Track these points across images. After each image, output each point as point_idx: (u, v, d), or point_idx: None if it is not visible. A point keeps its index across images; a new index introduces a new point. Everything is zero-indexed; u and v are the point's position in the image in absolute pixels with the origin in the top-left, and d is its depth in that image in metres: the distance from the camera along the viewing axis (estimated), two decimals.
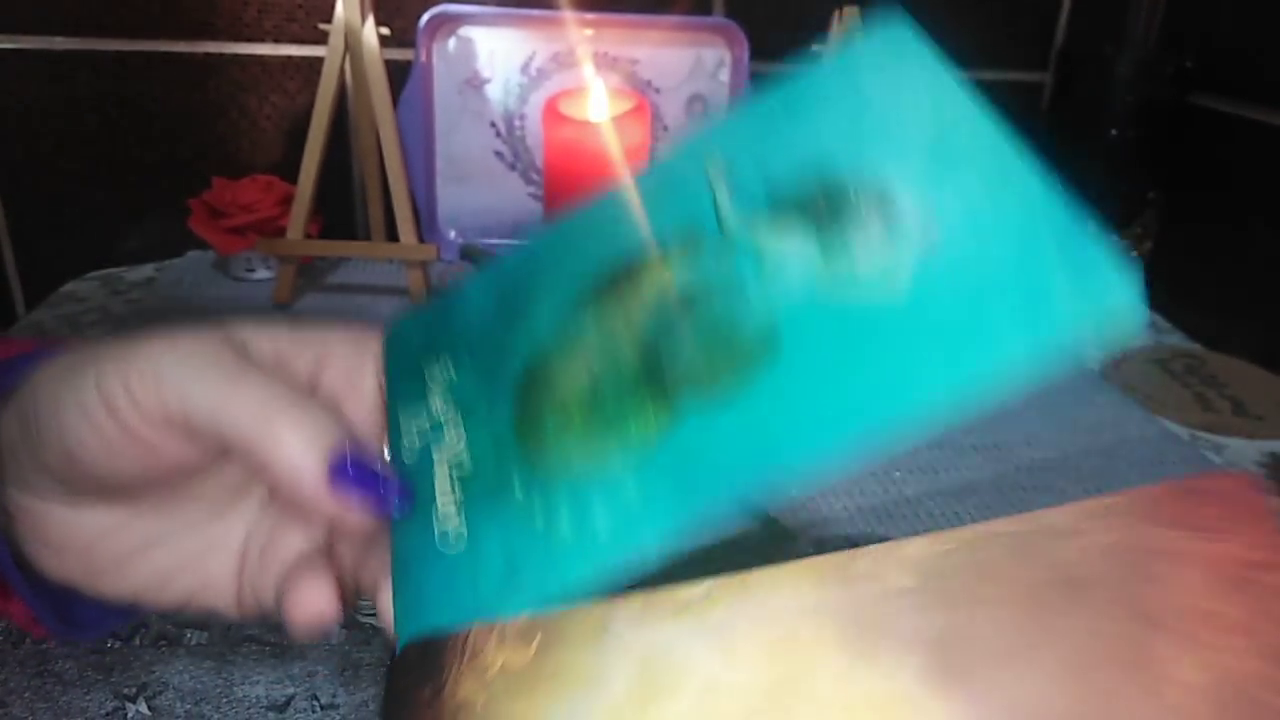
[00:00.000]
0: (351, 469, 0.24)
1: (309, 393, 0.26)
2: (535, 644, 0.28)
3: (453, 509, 0.25)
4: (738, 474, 0.21)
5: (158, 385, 0.24)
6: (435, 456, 0.26)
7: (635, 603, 0.27)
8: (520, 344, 0.26)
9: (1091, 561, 0.22)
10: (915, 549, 0.23)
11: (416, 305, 0.29)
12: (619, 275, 0.26)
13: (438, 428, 0.27)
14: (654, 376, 0.24)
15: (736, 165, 0.24)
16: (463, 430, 0.26)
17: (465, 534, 0.25)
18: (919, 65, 0.22)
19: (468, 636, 0.30)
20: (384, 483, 0.25)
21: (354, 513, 0.24)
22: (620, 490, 0.23)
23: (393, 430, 0.27)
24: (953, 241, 0.20)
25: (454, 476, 0.26)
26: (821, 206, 0.23)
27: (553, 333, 0.26)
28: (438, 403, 0.27)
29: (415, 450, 0.27)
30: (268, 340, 0.27)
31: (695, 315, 0.23)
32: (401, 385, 0.28)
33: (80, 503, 0.26)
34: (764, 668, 0.25)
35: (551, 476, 0.24)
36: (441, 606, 0.25)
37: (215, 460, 0.26)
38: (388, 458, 0.27)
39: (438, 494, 0.26)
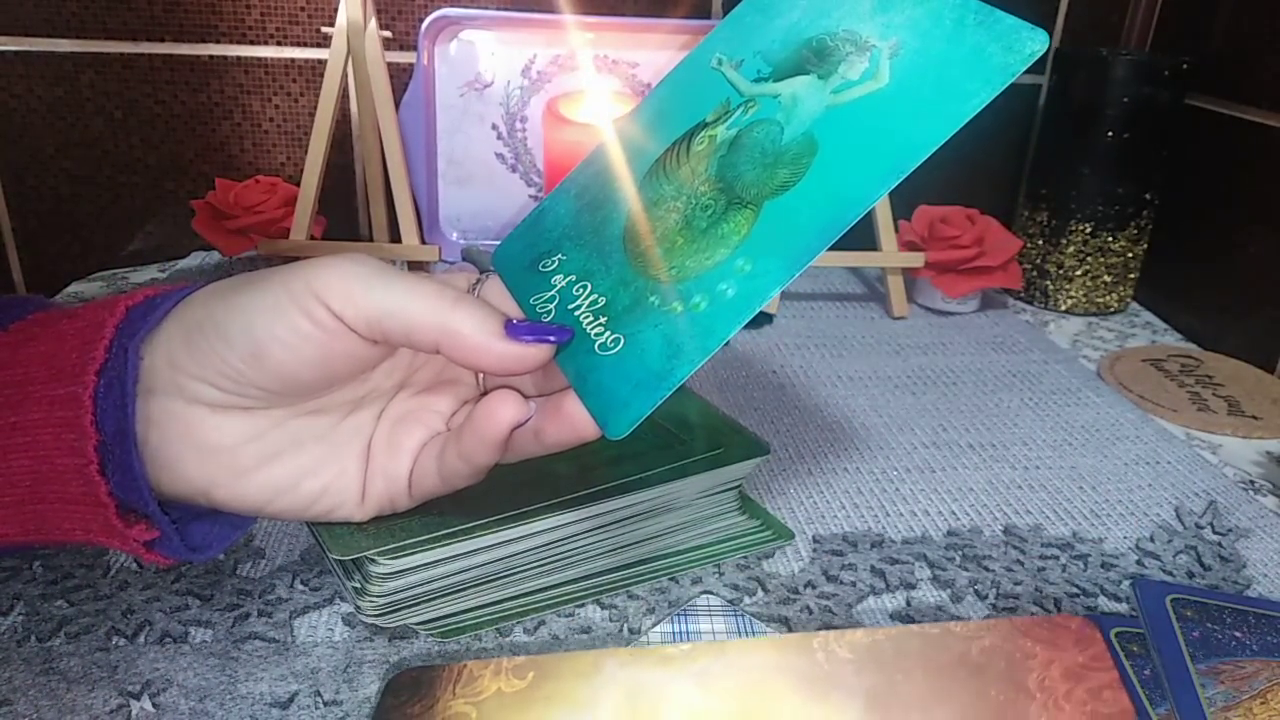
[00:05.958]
0: (520, 326, 0.31)
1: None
2: (530, 678, 0.31)
3: (602, 328, 0.32)
4: (816, 226, 0.29)
5: (349, 289, 0.30)
6: (572, 308, 0.33)
7: (624, 654, 0.33)
8: (611, 218, 0.34)
9: (983, 654, 0.32)
10: (855, 637, 0.32)
11: (509, 233, 0.37)
12: (673, 146, 0.33)
13: (565, 292, 0.33)
14: (731, 195, 0.31)
15: (736, 57, 0.33)
16: (589, 286, 0.33)
17: (621, 338, 0.31)
18: None
19: (463, 668, 0.31)
20: (547, 326, 0.32)
21: (529, 354, 0.31)
22: (734, 268, 0.30)
23: (529, 313, 0.34)
24: (907, 44, 0.29)
25: (594, 312, 0.32)
26: (812, 59, 0.31)
27: (634, 200, 0.33)
28: (559, 279, 0.34)
29: (553, 313, 0.33)
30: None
31: (745, 147, 0.31)
32: (523, 281, 0.34)
33: (229, 409, 0.31)
34: (735, 702, 0.31)
35: (676, 282, 0.31)
36: (629, 393, 0.30)
37: (371, 364, 0.33)
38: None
39: (586, 327, 0.32)
